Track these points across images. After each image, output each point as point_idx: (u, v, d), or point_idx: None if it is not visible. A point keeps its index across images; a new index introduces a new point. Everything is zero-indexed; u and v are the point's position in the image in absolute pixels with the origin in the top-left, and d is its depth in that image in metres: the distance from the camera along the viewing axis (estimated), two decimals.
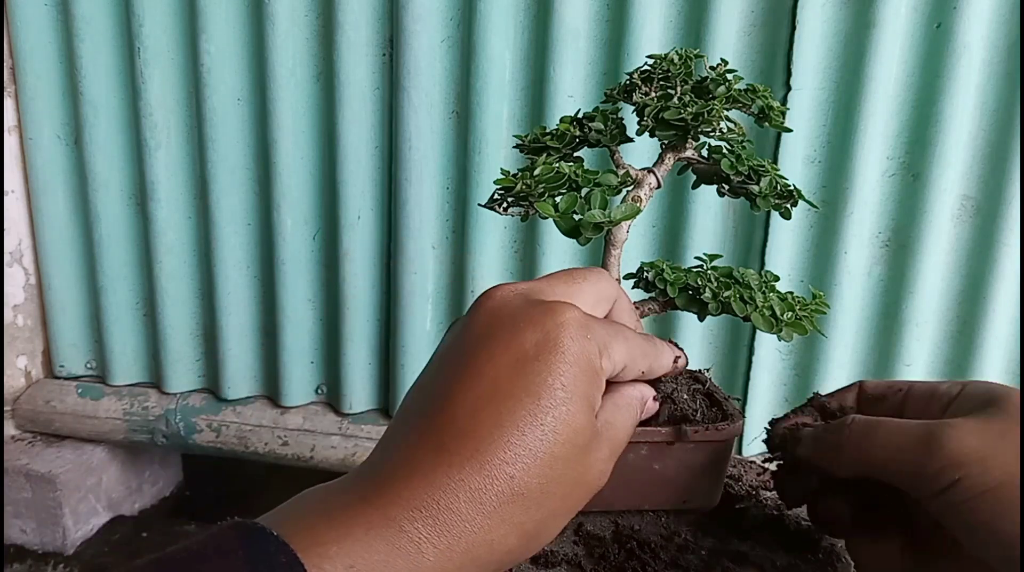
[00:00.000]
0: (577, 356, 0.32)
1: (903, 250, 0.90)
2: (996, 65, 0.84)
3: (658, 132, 0.45)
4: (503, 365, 0.31)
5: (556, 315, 0.32)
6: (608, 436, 0.33)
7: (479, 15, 0.89)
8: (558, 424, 0.31)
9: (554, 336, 0.32)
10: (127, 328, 1.12)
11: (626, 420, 0.35)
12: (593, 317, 0.34)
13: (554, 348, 0.31)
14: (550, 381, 0.31)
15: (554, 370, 0.31)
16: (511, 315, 0.33)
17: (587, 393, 0.32)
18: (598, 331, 0.33)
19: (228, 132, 1.00)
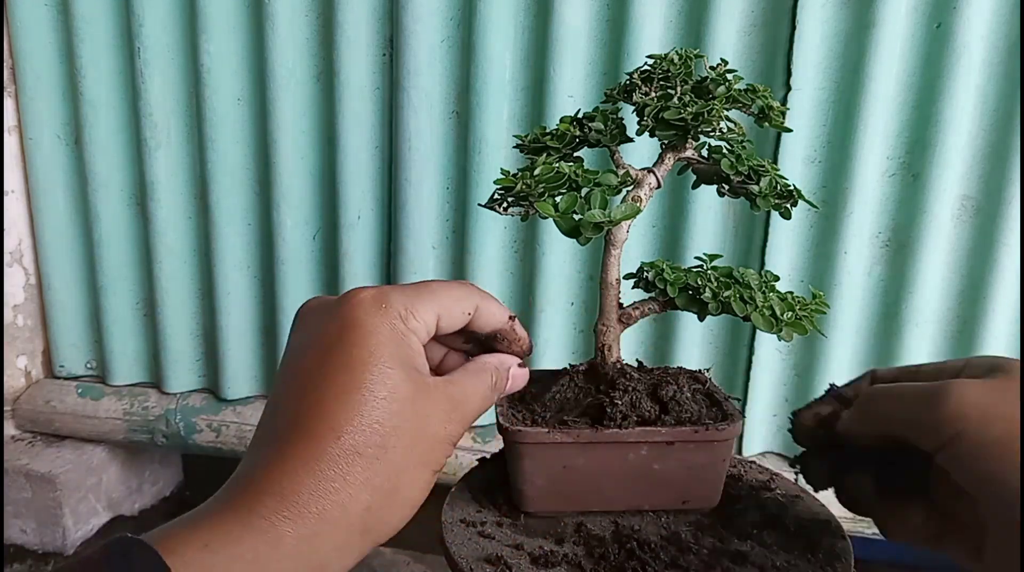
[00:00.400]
0: (376, 325, 0.35)
1: (903, 250, 0.90)
2: (996, 65, 0.84)
3: (658, 132, 0.45)
4: (317, 355, 0.35)
5: (349, 299, 0.36)
6: (448, 393, 0.36)
7: (479, 15, 0.89)
8: (374, 385, 0.33)
9: (350, 317, 0.35)
10: (127, 328, 1.12)
11: (476, 384, 0.39)
12: (391, 288, 0.37)
13: (351, 326, 0.35)
14: (356, 353, 0.34)
15: (358, 343, 0.34)
16: (320, 313, 0.37)
17: (397, 353, 0.35)
18: (394, 297, 0.36)
19: (228, 132, 1.00)
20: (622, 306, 0.46)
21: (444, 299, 0.38)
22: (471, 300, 0.39)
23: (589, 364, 0.47)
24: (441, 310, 0.38)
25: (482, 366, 0.40)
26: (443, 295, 0.38)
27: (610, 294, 0.45)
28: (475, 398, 0.38)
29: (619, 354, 0.46)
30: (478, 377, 0.39)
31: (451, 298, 0.38)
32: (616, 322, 0.45)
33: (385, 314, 0.35)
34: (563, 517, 0.44)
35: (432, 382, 0.36)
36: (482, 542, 0.42)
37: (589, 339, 1.00)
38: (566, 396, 0.45)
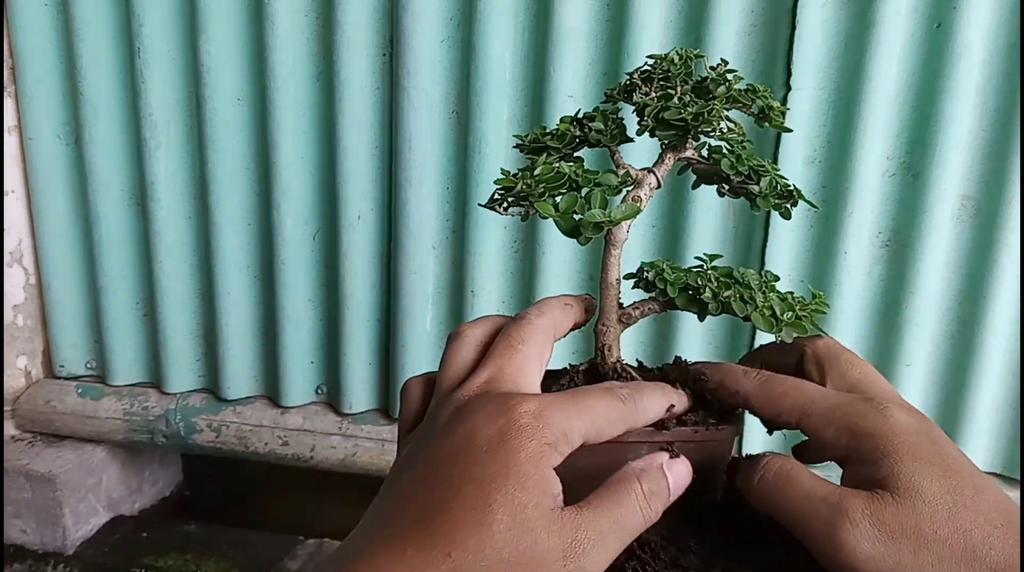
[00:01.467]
0: (530, 453, 0.33)
1: (903, 250, 0.90)
2: (996, 65, 0.84)
3: (658, 132, 0.45)
4: (457, 456, 0.34)
5: (509, 411, 0.34)
6: (577, 523, 0.33)
7: (479, 15, 0.89)
8: (498, 508, 0.31)
9: (507, 433, 0.33)
10: (127, 328, 1.12)
11: (613, 512, 0.34)
12: (553, 403, 0.35)
13: (505, 443, 0.33)
14: (498, 473, 0.32)
15: (504, 463, 0.32)
16: (470, 411, 0.35)
17: (535, 477, 0.33)
18: (555, 417, 0.34)
19: (228, 132, 1.00)
20: (622, 306, 0.46)
21: (600, 422, 0.36)
22: (626, 423, 0.37)
23: (589, 364, 0.47)
24: (592, 433, 0.36)
25: (623, 480, 0.35)
26: (601, 418, 0.36)
27: (610, 294, 0.45)
28: (609, 529, 0.33)
29: (619, 354, 0.46)
30: (616, 500, 0.35)
31: (608, 421, 0.36)
32: (616, 322, 0.45)
33: (541, 439, 0.33)
34: None
35: (561, 514, 0.33)
36: None
37: (589, 339, 0.99)
38: None
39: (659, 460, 0.37)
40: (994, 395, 0.93)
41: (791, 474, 0.37)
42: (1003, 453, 0.95)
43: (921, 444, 0.35)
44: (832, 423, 0.37)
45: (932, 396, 0.95)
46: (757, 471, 0.38)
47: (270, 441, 1.07)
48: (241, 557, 1.06)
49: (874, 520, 0.34)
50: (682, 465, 0.38)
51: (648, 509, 0.35)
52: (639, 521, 0.35)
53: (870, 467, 0.35)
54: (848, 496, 0.35)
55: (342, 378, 1.06)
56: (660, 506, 0.36)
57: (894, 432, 0.36)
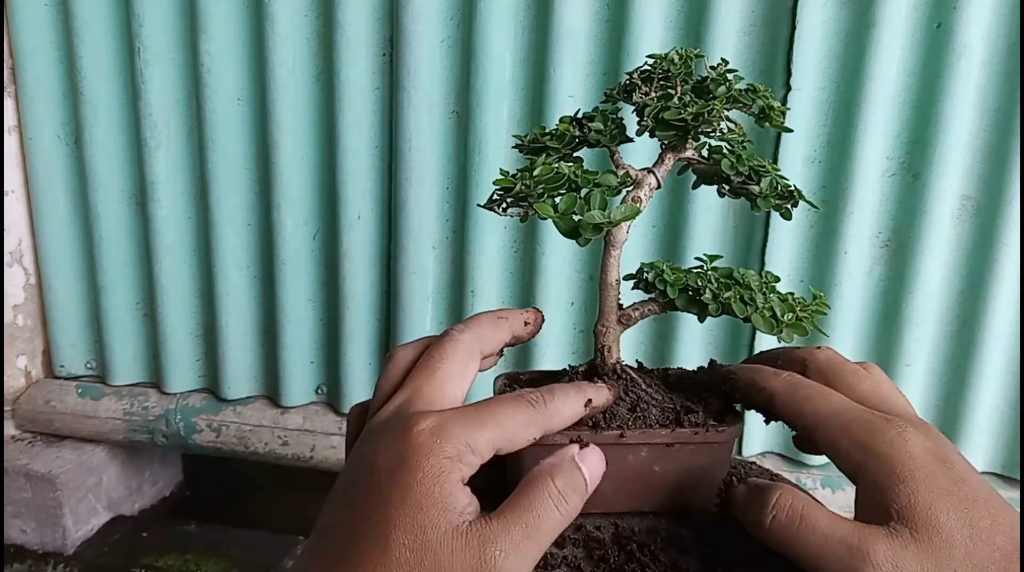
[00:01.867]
0: (427, 471, 0.33)
1: (903, 250, 0.90)
2: (996, 65, 0.84)
3: (658, 132, 0.45)
4: (362, 483, 0.34)
5: (407, 431, 0.34)
6: (483, 538, 0.32)
7: (479, 15, 0.89)
8: (402, 536, 0.32)
9: (404, 454, 0.33)
10: (127, 328, 1.12)
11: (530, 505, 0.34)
12: (453, 417, 0.35)
13: (403, 465, 0.33)
14: (396, 497, 0.32)
15: (402, 486, 0.33)
16: (377, 435, 0.36)
17: (440, 502, 0.33)
18: (454, 431, 0.34)
19: (228, 132, 1.00)
20: (622, 307, 0.46)
21: (510, 428, 0.36)
22: (538, 427, 0.37)
23: (589, 365, 0.47)
24: (503, 441, 0.35)
25: (535, 480, 0.35)
26: (509, 424, 0.36)
27: (610, 295, 0.45)
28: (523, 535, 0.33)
29: (619, 355, 0.46)
30: (527, 504, 0.34)
31: (517, 426, 0.36)
32: (616, 323, 0.45)
33: (440, 450, 0.33)
34: None
35: (467, 529, 0.32)
36: None
37: (589, 339, 1.00)
38: None
39: (570, 452, 0.37)
40: (994, 395, 0.93)
41: (805, 515, 0.35)
42: (1003, 453, 0.95)
43: (937, 472, 0.35)
44: (848, 436, 0.37)
45: (932, 396, 0.95)
46: (768, 511, 0.36)
47: (270, 441, 1.07)
48: (241, 557, 1.06)
49: (895, 564, 0.33)
50: (594, 454, 0.37)
51: (565, 506, 0.34)
52: (556, 520, 0.34)
53: (885, 493, 0.35)
54: (868, 537, 0.34)
55: (342, 378, 1.06)
56: (578, 500, 0.35)
57: (911, 457, 0.35)
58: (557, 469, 0.35)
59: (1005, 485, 0.95)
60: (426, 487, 0.33)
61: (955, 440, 0.94)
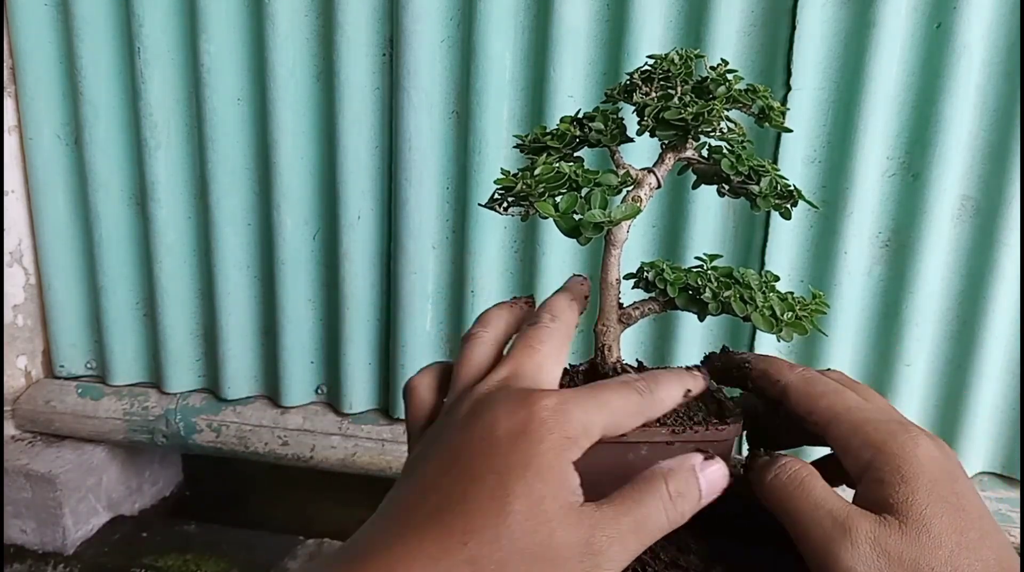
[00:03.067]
0: (550, 445, 0.33)
1: (903, 250, 0.90)
2: (996, 65, 0.84)
3: (658, 132, 0.45)
4: (477, 447, 0.34)
5: (530, 405, 0.34)
6: (594, 522, 0.32)
7: (479, 15, 0.89)
8: (521, 503, 0.31)
9: (527, 425, 0.33)
10: (127, 328, 1.12)
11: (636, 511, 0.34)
12: (573, 399, 0.35)
13: (526, 435, 0.33)
14: (517, 464, 0.32)
15: (524, 455, 0.32)
16: (491, 404, 0.35)
17: (560, 477, 0.33)
18: (574, 413, 0.34)
19: (228, 132, 1.00)
20: (622, 306, 0.46)
21: (619, 415, 0.36)
22: (644, 415, 0.37)
23: (589, 364, 0.47)
24: (611, 427, 0.36)
25: (650, 478, 0.35)
26: (620, 411, 0.36)
27: (610, 294, 0.45)
28: (629, 529, 0.33)
29: (619, 354, 0.46)
30: (639, 499, 0.34)
31: (626, 414, 0.36)
32: (616, 322, 0.45)
33: (561, 429, 0.33)
34: None
35: (580, 510, 0.32)
36: None
37: (589, 339, 0.99)
38: None
39: (692, 461, 0.36)
40: (994, 395, 0.93)
41: (805, 480, 0.37)
42: (1003, 453, 0.95)
43: (941, 479, 0.35)
44: (860, 435, 0.37)
45: (932, 396, 0.95)
46: (772, 470, 0.38)
47: (270, 441, 1.07)
48: (241, 557, 1.06)
49: (875, 545, 0.34)
50: (717, 467, 0.36)
51: (674, 511, 0.34)
52: (662, 522, 0.34)
53: (886, 488, 0.35)
54: (855, 516, 0.35)
55: (342, 378, 1.06)
56: (688, 509, 0.35)
57: (919, 460, 0.36)
58: (674, 474, 0.35)
59: (1005, 485, 0.95)
60: (549, 460, 0.33)
61: (955, 440, 0.94)
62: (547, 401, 0.34)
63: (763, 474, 0.38)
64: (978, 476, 0.97)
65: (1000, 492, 0.94)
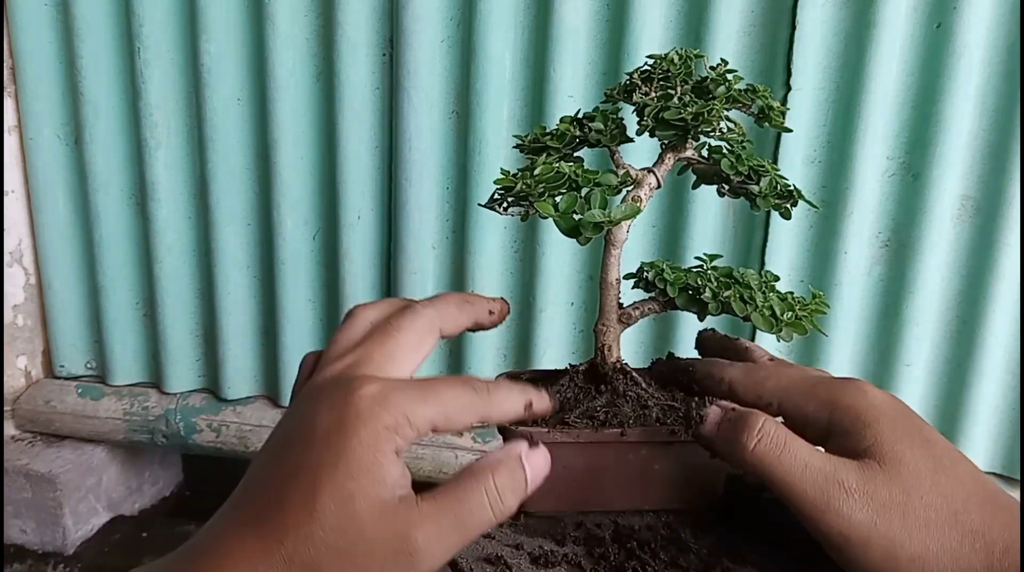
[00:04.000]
0: (363, 438, 0.32)
1: (903, 250, 0.90)
2: (996, 65, 0.84)
3: (658, 132, 0.45)
4: (297, 443, 0.33)
5: (350, 395, 0.33)
6: (408, 520, 0.32)
7: (479, 15, 0.89)
8: (330, 500, 0.31)
9: (343, 418, 0.33)
10: (127, 328, 1.12)
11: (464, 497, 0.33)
12: (397, 387, 0.34)
13: (340, 429, 0.33)
14: (329, 461, 0.32)
15: (336, 450, 0.32)
16: (317, 395, 0.35)
17: (373, 471, 0.32)
18: (396, 401, 0.33)
19: (228, 132, 1.00)
20: (622, 306, 0.46)
21: (450, 408, 0.35)
22: (477, 412, 0.36)
23: (589, 364, 0.47)
24: (441, 420, 0.35)
25: (476, 473, 0.34)
26: (450, 404, 0.35)
27: (610, 294, 0.45)
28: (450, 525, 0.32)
29: (619, 354, 0.46)
30: (462, 496, 0.33)
31: (458, 408, 0.35)
32: (616, 322, 0.45)
33: (380, 422, 0.33)
34: (563, 517, 0.44)
35: (395, 507, 0.32)
36: (482, 542, 0.42)
37: (589, 339, 1.00)
38: (566, 396, 0.45)
39: (517, 450, 0.35)
40: (994, 395, 0.93)
41: (787, 442, 0.37)
42: (1003, 453, 0.95)
43: (898, 418, 0.38)
44: (813, 399, 0.39)
45: (932, 396, 0.95)
46: (753, 436, 0.38)
47: None
48: None
49: (866, 489, 0.36)
50: (541, 456, 0.36)
51: (500, 505, 0.34)
52: (487, 518, 0.33)
53: (852, 438, 0.37)
54: (841, 467, 0.36)
55: None
56: (514, 500, 0.34)
57: (873, 405, 0.38)
58: (500, 466, 0.35)
59: (1005, 485, 0.95)
60: (360, 455, 0.32)
61: (955, 440, 0.94)
62: (368, 390, 0.33)
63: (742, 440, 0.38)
64: None
65: None
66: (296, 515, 0.31)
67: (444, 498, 0.33)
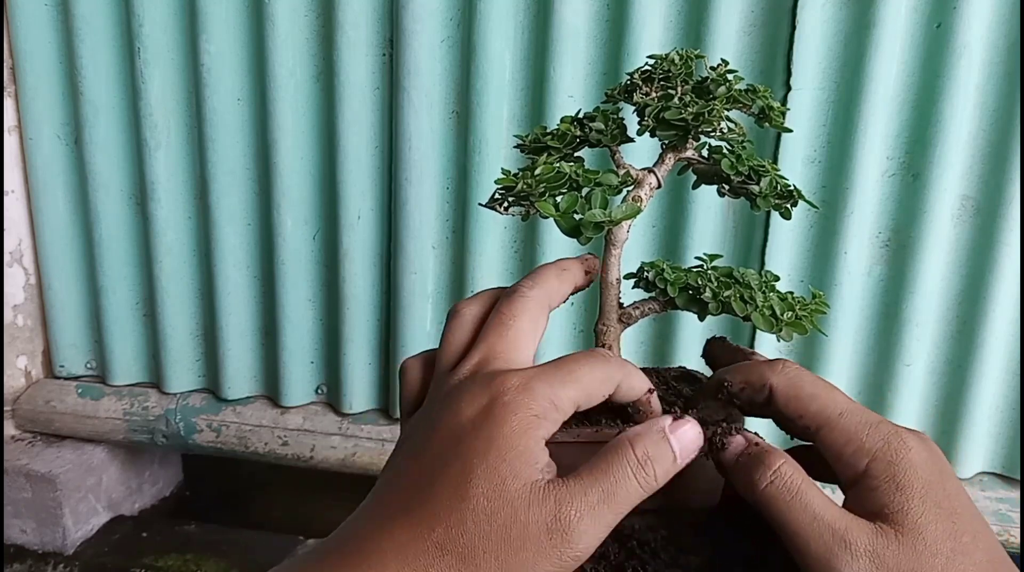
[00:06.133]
0: (514, 426, 0.33)
1: (903, 250, 0.90)
2: (996, 65, 0.84)
3: (659, 132, 0.45)
4: (444, 436, 0.34)
5: (494, 389, 0.34)
6: (558, 498, 0.32)
7: (479, 15, 0.89)
8: (482, 485, 0.32)
9: (491, 409, 0.34)
10: (127, 328, 1.12)
11: (608, 470, 0.34)
12: (538, 374, 0.35)
13: (488, 419, 0.33)
14: (479, 448, 0.32)
15: (487, 438, 0.33)
16: (458, 393, 0.36)
17: (523, 456, 0.33)
18: (540, 387, 0.34)
19: (228, 132, 1.00)
20: (622, 306, 0.46)
21: (588, 384, 0.36)
22: (614, 381, 0.37)
23: None
24: (583, 397, 0.36)
25: (616, 446, 0.35)
26: (587, 379, 0.36)
27: (610, 294, 0.45)
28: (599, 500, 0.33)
29: (619, 354, 0.46)
30: (606, 469, 0.34)
31: (596, 381, 0.36)
32: (616, 322, 0.45)
33: (528, 410, 0.33)
34: None
35: (545, 487, 0.32)
36: None
37: (589, 339, 1.00)
38: None
39: (661, 423, 0.36)
40: (994, 395, 0.93)
41: (800, 490, 0.35)
42: (1003, 453, 0.95)
43: (933, 483, 0.35)
44: (854, 442, 0.36)
45: (932, 396, 0.95)
46: (767, 476, 0.36)
47: (270, 441, 1.07)
48: (241, 557, 1.06)
49: (875, 557, 0.34)
50: (689, 427, 0.36)
51: (644, 476, 0.34)
52: (634, 490, 0.34)
53: (880, 497, 0.35)
54: (853, 528, 0.34)
55: (342, 378, 1.06)
56: (662, 472, 0.35)
57: (912, 467, 0.35)
58: (640, 438, 0.35)
59: (1005, 485, 0.95)
60: (512, 440, 0.33)
61: (955, 440, 0.94)
62: (511, 381, 0.34)
63: (754, 477, 0.37)
64: (978, 476, 0.97)
65: (1000, 492, 0.94)
66: (447, 500, 0.32)
67: (589, 473, 0.33)
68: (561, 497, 0.32)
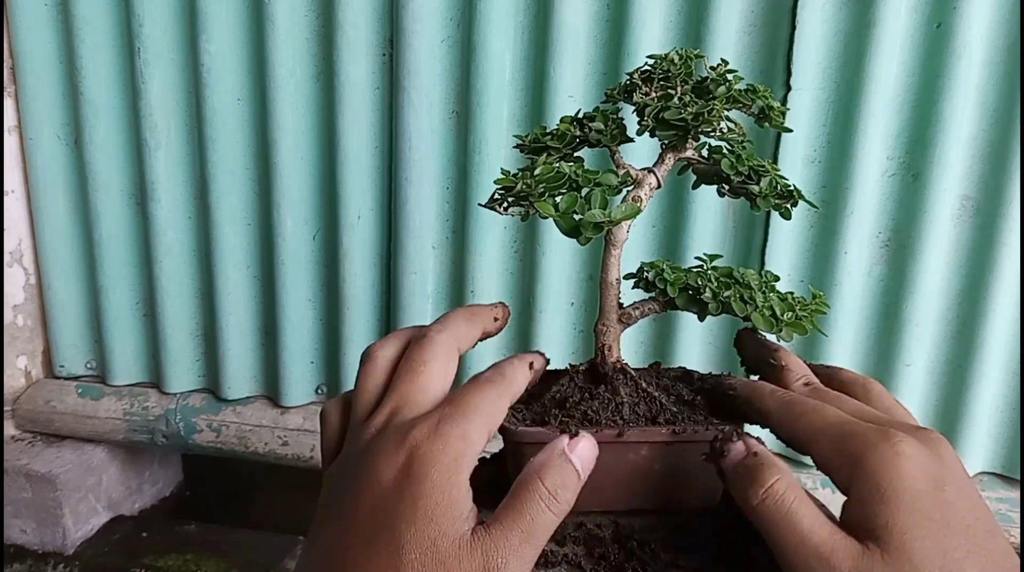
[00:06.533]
0: (435, 479, 0.34)
1: (903, 250, 0.90)
2: (996, 65, 0.84)
3: (658, 132, 0.45)
4: (366, 505, 0.34)
5: (407, 443, 0.35)
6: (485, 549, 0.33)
7: (479, 15, 0.89)
8: (413, 552, 0.32)
9: (409, 466, 0.34)
10: (127, 328, 1.12)
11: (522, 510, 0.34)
12: (440, 417, 0.36)
13: (408, 477, 0.34)
14: (405, 512, 0.33)
15: (411, 499, 0.34)
16: (374, 450, 0.36)
17: (449, 510, 0.33)
18: (449, 430, 0.35)
19: (228, 132, 1.00)
20: (622, 306, 0.46)
21: (488, 409, 0.37)
22: (506, 396, 0.39)
23: (589, 364, 0.47)
24: (490, 424, 0.37)
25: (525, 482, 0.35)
26: (486, 406, 0.37)
27: (610, 294, 0.45)
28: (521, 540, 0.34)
29: (619, 354, 0.46)
30: (520, 508, 0.35)
31: (493, 405, 0.38)
32: (616, 322, 0.45)
33: (443, 455, 0.34)
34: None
35: (471, 540, 0.33)
36: None
37: (589, 339, 1.00)
38: (566, 396, 0.45)
39: (559, 446, 0.37)
40: (994, 395, 0.93)
41: (793, 508, 0.35)
42: (1003, 453, 0.95)
43: (924, 494, 0.34)
44: (839, 453, 0.36)
45: (932, 396, 0.95)
46: (760, 491, 0.36)
47: (270, 441, 1.07)
48: (241, 557, 1.06)
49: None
50: (585, 443, 0.38)
51: (557, 506, 0.35)
52: (550, 520, 0.35)
53: (867, 509, 0.34)
54: (839, 548, 0.34)
55: (342, 378, 1.06)
56: (570, 495, 0.36)
57: (900, 476, 0.34)
58: (546, 468, 0.36)
59: (1005, 485, 0.95)
60: (435, 496, 0.33)
61: (955, 440, 0.94)
62: (421, 433, 0.35)
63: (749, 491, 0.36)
64: (978, 476, 0.97)
65: (1000, 492, 0.94)
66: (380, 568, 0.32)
67: (506, 516, 0.34)
68: (487, 548, 0.33)
